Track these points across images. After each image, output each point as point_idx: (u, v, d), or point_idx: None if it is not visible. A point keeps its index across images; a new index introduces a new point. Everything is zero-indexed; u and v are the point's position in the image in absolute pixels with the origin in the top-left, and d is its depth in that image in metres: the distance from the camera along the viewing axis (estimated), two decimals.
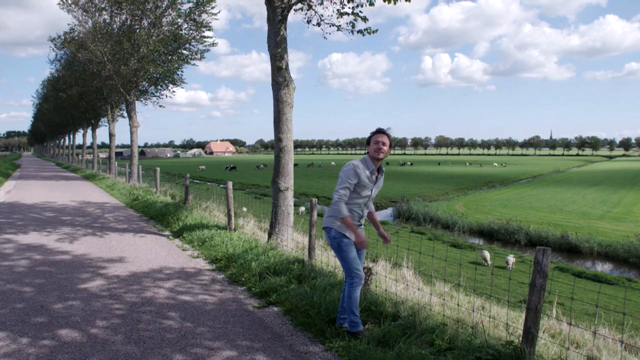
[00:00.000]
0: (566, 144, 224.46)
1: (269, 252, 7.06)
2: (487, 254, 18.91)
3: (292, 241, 8.16)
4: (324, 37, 9.04)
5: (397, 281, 6.05)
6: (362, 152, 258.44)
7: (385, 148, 4.43)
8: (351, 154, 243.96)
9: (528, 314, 3.78)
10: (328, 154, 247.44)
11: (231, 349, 4.35)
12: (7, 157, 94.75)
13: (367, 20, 8.59)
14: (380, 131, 4.48)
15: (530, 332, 3.75)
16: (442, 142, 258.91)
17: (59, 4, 21.40)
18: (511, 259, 17.98)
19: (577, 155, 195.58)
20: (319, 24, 8.74)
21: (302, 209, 28.52)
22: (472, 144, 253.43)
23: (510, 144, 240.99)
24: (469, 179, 61.34)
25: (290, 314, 5.22)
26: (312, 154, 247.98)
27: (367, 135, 4.52)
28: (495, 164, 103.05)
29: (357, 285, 4.48)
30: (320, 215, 6.51)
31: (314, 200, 6.81)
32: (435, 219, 30.60)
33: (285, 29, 8.28)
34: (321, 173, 70.48)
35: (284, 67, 8.15)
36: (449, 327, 4.40)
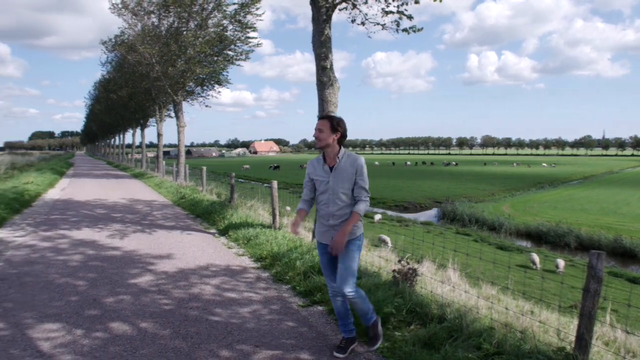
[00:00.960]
0: (620, 144, 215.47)
1: (313, 251, 7.08)
2: (535, 257, 18.38)
3: None
4: (368, 37, 8.99)
5: (443, 283, 5.96)
6: (406, 151, 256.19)
7: (322, 135, 3.99)
8: (395, 153, 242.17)
9: (581, 320, 3.65)
10: (371, 153, 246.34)
11: (276, 347, 4.39)
12: (61, 156, 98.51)
13: (412, 18, 8.49)
14: (319, 117, 4.28)
15: (583, 339, 3.62)
16: (488, 142, 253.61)
17: (111, 8, 22.08)
18: (561, 262, 17.43)
19: (632, 155, 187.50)
20: (363, 23, 8.69)
21: None
22: (520, 144, 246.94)
23: (560, 143, 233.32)
24: (516, 179, 59.81)
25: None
26: (356, 153, 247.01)
27: (411, 135, 4.35)
28: (544, 164, 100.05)
29: (331, 296, 4.28)
30: (368, 216, 6.57)
31: None
32: (481, 220, 29.98)
33: (330, 28, 8.28)
34: None
35: (328, 66, 8.15)
36: (496, 331, 4.30)
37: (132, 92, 32.06)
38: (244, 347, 4.36)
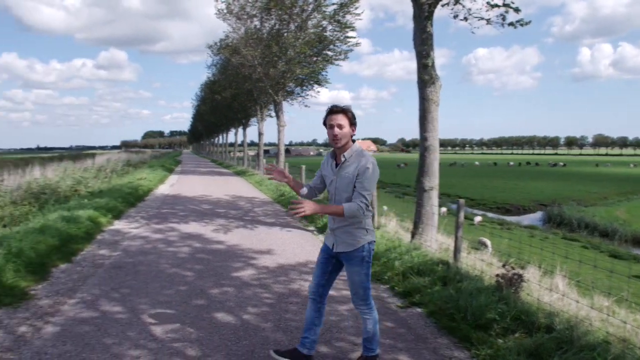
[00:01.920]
0: None
1: (412, 251, 6.98)
2: None
3: (435, 242, 7.98)
4: (472, 32, 8.68)
5: (550, 291, 5.63)
6: (509, 151, 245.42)
7: (343, 131, 3.54)
8: (496, 153, 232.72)
9: None
10: (472, 153, 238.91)
11: None
12: (170, 154, 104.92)
13: (520, 11, 8.10)
14: (333, 110, 3.57)
15: None
16: (600, 141, 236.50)
17: (216, 13, 23.10)
18: None
19: None
20: (466, 19, 8.42)
21: (444, 209, 27.78)
22: (638, 144, 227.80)
23: None
24: (633, 182, 55.01)
25: (434, 316, 5.11)
26: (455, 153, 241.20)
27: (514, 134, 3.89)
28: None
29: (309, 298, 3.97)
30: (467, 218, 6.29)
31: (462, 200, 6.58)
32: (592, 225, 27.94)
33: (432, 25, 8.11)
34: (464, 173, 68.24)
35: (430, 64, 7.99)
36: (613, 346, 3.98)
37: (236, 93, 33.40)
38: (342, 345, 4.39)
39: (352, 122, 3.59)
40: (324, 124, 3.63)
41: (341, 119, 3.53)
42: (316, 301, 3.90)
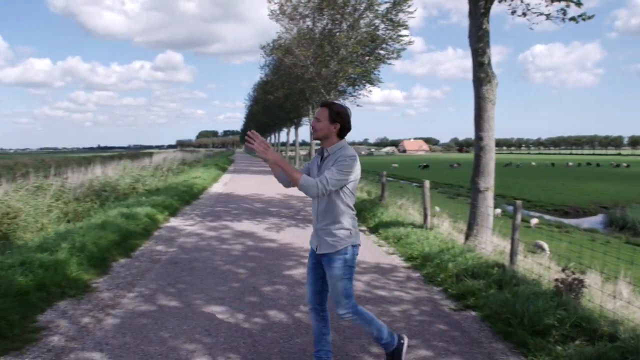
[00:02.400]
0: None
1: (466, 253, 6.84)
2: None
3: (490, 244, 7.80)
4: (530, 28, 8.43)
5: (614, 297, 5.40)
6: (567, 151, 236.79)
7: (318, 125, 3.47)
8: (554, 153, 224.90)
9: None
10: (528, 153, 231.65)
11: (427, 348, 4.31)
12: (223, 153, 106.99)
13: (582, 4, 7.79)
14: (320, 104, 3.58)
15: None
16: None
17: (269, 14, 23.40)
18: None
19: None
20: (524, 14, 8.17)
21: (498, 211, 27.10)
22: None
23: None
24: None
25: (488, 320, 4.98)
26: (510, 153, 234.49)
27: (573, 133, 3.71)
28: None
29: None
30: (523, 220, 6.10)
31: (519, 202, 6.40)
32: None
33: (488, 22, 7.93)
34: (520, 173, 66.30)
35: (486, 62, 7.81)
36: None
37: (288, 93, 33.78)
38: None
39: (333, 119, 3.46)
40: None
41: (321, 113, 3.49)
42: (317, 310, 3.77)
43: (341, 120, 3.48)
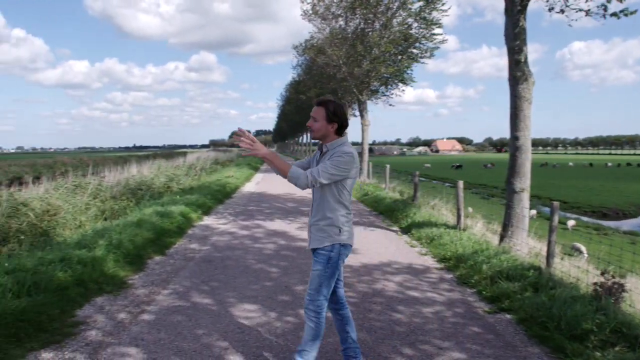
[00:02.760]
0: None
1: (500, 255, 6.72)
2: None
3: (526, 246, 7.64)
4: (569, 25, 8.21)
5: None
6: (606, 151, 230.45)
7: (315, 125, 3.44)
8: (593, 153, 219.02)
9: None
10: (565, 153, 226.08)
11: (460, 351, 4.25)
12: None
13: None
14: (315, 102, 3.51)
15: None
16: None
17: (302, 15, 23.45)
18: None
19: None
20: (562, 11, 7.95)
21: (534, 212, 26.53)
22: None
23: None
24: None
25: (524, 324, 4.88)
26: (547, 153, 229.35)
27: (613, 133, 3.49)
28: None
29: None
30: (561, 222, 5.93)
31: (556, 203, 6.25)
32: None
33: (525, 19, 7.77)
34: (556, 174, 64.84)
35: (522, 60, 7.66)
36: None
37: (320, 92, 33.74)
38: (427, 348, 4.30)
39: (330, 118, 3.42)
40: None
41: (317, 112, 3.44)
42: (334, 309, 3.75)
43: (338, 119, 3.44)
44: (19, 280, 5.04)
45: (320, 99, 3.48)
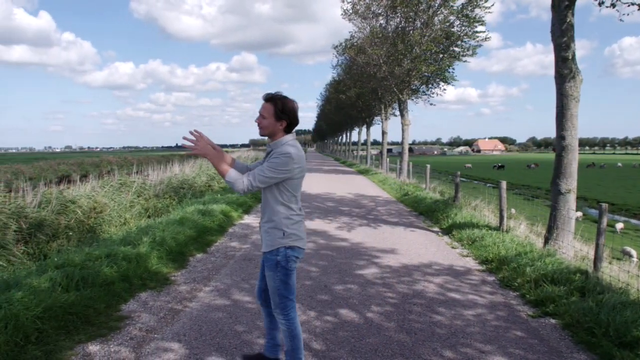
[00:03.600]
0: None
1: (545, 258, 6.53)
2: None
3: (572, 249, 7.42)
4: (620, 20, 7.94)
5: None
6: None
7: (263, 122, 3.27)
8: None
9: None
10: (613, 153, 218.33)
11: (503, 355, 4.17)
12: None
13: None
14: (264, 99, 3.31)
15: None
16: None
17: (342, 14, 23.45)
18: None
19: None
20: (613, 5, 7.68)
21: (579, 214, 25.74)
22: None
23: None
24: None
25: (569, 329, 4.74)
26: (594, 153, 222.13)
27: None
28: None
29: None
30: (609, 224, 5.72)
31: (604, 205, 6.04)
32: None
33: (573, 15, 7.54)
34: (604, 175, 62.73)
35: (570, 57, 7.44)
36: None
37: (360, 92, 33.73)
38: (468, 351, 4.23)
39: (279, 116, 3.26)
40: None
41: (266, 109, 3.28)
42: (264, 305, 3.72)
43: (287, 117, 3.30)
44: (67, 274, 5.22)
45: (268, 94, 3.30)
